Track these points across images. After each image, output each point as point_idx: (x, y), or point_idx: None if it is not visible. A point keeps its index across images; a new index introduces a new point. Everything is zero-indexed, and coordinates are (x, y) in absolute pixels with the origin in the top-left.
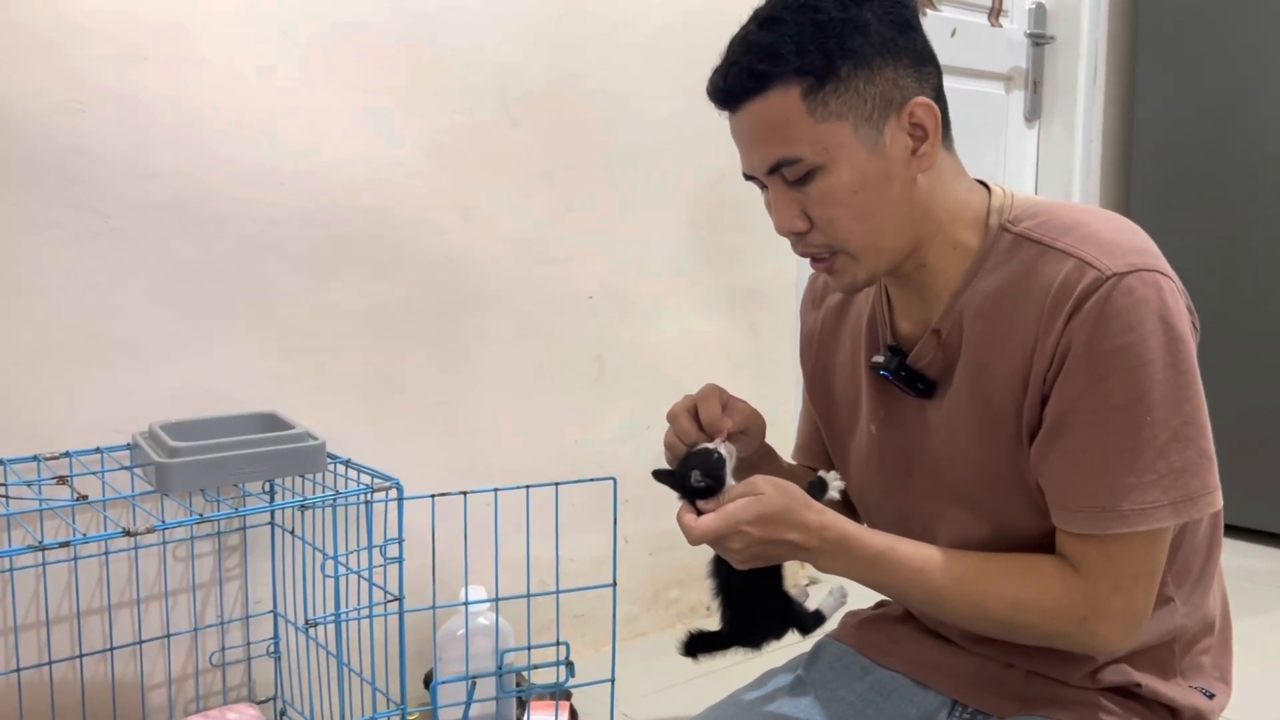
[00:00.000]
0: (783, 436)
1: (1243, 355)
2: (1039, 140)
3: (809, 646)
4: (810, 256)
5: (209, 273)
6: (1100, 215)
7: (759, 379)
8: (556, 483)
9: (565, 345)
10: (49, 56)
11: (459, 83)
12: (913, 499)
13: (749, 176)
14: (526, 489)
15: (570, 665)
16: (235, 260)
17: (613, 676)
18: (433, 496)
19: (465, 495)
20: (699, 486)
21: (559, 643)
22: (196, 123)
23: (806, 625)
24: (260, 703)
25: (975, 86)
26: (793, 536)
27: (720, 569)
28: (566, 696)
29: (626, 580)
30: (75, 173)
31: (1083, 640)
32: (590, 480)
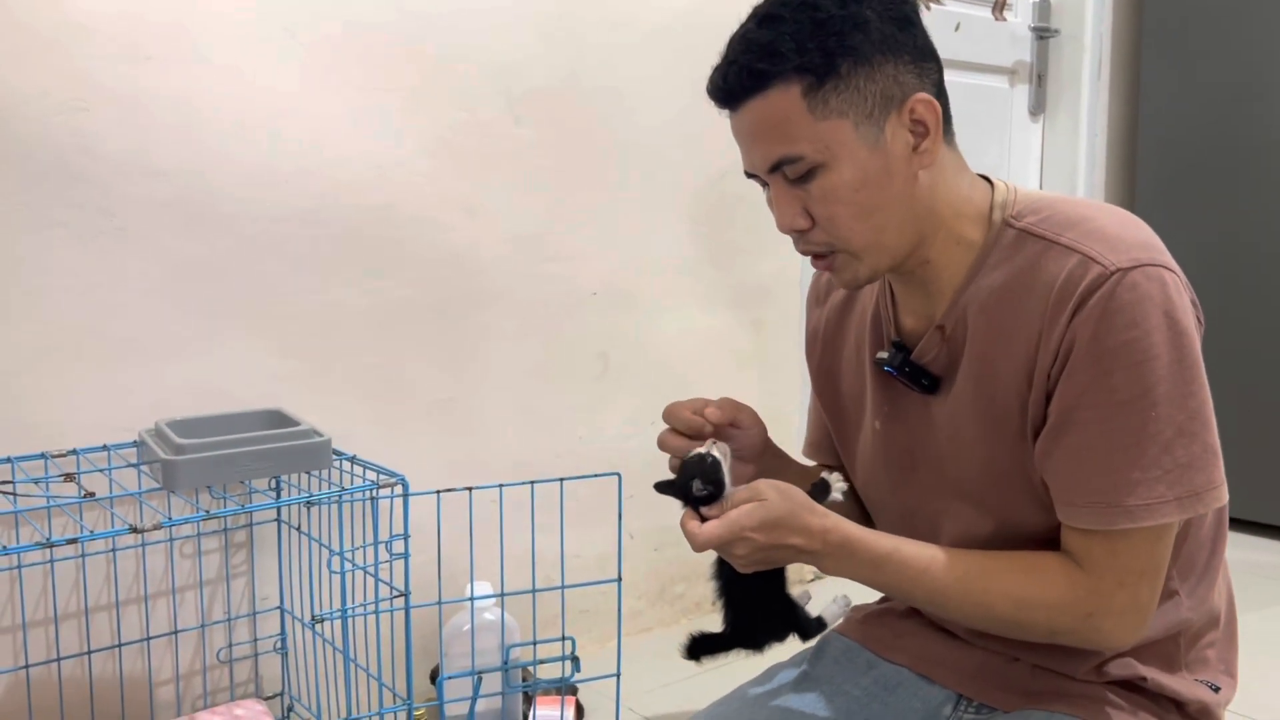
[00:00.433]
0: (787, 432)
1: (1247, 349)
2: (1043, 134)
3: (813, 643)
4: (812, 254)
5: (213, 271)
6: (1104, 210)
7: (763, 376)
8: (561, 478)
9: (569, 342)
10: (51, 56)
11: (462, 81)
12: (917, 495)
13: (750, 174)
14: (531, 485)
15: (576, 660)
16: (239, 258)
17: (618, 671)
18: (438, 493)
19: (470, 491)
20: (701, 495)
21: (564, 638)
22: (199, 122)
23: (808, 631)
24: (267, 698)
25: (979, 80)
26: (796, 541)
27: (723, 571)
28: (572, 691)
29: (631, 575)
30: (78, 172)
31: (1088, 636)
32: (595, 476)
